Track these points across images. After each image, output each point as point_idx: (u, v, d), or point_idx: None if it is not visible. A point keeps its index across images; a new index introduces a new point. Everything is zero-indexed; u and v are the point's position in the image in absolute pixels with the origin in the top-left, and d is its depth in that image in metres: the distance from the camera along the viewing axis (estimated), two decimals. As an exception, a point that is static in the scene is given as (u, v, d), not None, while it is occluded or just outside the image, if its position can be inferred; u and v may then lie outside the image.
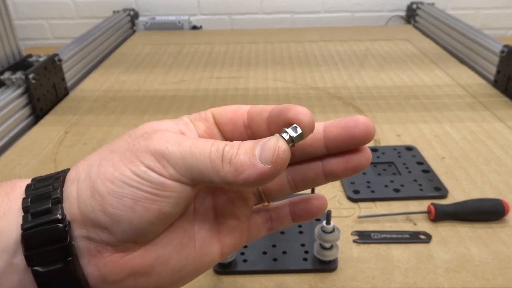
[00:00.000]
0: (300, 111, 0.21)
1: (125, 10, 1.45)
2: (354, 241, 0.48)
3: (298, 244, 0.47)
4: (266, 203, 0.26)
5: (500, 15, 1.52)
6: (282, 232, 0.48)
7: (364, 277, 0.43)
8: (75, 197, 0.22)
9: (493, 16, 1.52)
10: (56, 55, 0.90)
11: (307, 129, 0.21)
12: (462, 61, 1.05)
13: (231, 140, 0.23)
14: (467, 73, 0.97)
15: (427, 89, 0.89)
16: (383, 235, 0.48)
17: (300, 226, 0.49)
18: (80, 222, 0.21)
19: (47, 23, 1.55)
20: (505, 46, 0.88)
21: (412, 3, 1.46)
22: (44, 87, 0.84)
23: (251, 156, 0.20)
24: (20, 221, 0.21)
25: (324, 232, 0.42)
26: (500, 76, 0.88)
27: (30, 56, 0.93)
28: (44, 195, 0.22)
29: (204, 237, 0.25)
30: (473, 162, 0.63)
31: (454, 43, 1.13)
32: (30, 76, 0.79)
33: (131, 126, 0.73)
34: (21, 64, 0.89)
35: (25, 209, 0.22)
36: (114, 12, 1.45)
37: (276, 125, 0.22)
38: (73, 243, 0.21)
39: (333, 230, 0.42)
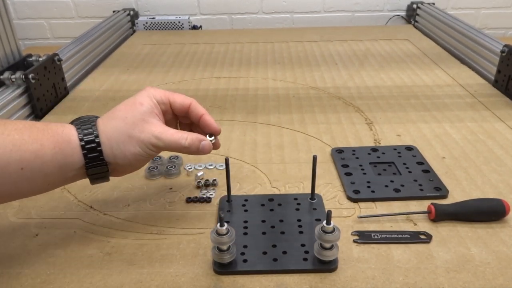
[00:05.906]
0: (214, 130, 0.49)
1: (125, 10, 1.45)
2: (354, 241, 0.48)
3: (298, 244, 0.47)
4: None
5: (500, 15, 1.52)
6: (282, 232, 0.48)
7: (364, 277, 0.43)
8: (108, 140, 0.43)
9: (493, 16, 1.53)
10: (56, 55, 0.90)
11: (217, 135, 0.49)
12: (463, 61, 1.05)
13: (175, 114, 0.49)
14: (468, 73, 0.97)
15: (427, 89, 0.89)
16: (383, 235, 0.48)
17: (300, 226, 0.49)
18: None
19: (47, 23, 1.55)
20: (506, 45, 0.88)
21: (412, 3, 1.47)
22: (44, 87, 0.84)
23: (198, 146, 0.46)
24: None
25: (324, 232, 0.42)
26: (501, 76, 0.88)
27: (30, 56, 0.92)
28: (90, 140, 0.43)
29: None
30: (473, 162, 0.63)
31: (455, 43, 1.13)
32: (30, 76, 0.79)
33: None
34: (21, 64, 0.89)
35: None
36: (114, 12, 1.45)
37: (198, 127, 0.50)
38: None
39: (333, 230, 0.42)
